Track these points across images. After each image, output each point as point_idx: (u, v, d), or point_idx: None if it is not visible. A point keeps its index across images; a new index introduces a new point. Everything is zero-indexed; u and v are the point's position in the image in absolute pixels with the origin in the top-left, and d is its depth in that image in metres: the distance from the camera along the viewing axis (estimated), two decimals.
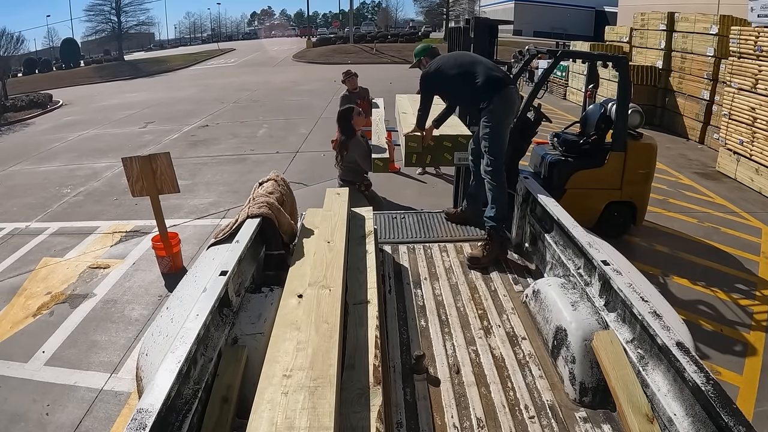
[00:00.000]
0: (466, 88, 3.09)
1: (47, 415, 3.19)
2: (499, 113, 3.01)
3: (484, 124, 3.02)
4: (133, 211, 6.55)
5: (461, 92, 3.22)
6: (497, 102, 2.98)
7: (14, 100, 17.36)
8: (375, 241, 2.47)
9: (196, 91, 18.91)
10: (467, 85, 3.07)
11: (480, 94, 3.01)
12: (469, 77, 3.06)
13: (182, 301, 2.14)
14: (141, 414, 1.21)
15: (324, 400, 1.34)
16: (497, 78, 3.05)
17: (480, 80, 3.01)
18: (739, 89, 7.25)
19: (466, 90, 3.12)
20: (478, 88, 3.01)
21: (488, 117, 3.00)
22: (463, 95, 3.27)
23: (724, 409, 1.25)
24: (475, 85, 3.02)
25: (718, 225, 5.72)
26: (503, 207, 3.01)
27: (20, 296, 4.65)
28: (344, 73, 6.78)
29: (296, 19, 74.87)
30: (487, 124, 3.00)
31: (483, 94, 3.00)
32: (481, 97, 3.01)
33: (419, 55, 3.58)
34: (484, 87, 3.00)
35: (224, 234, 2.55)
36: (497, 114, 3.00)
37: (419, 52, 3.61)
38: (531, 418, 1.77)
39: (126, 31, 42.55)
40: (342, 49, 34.35)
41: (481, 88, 3.00)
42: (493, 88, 3.00)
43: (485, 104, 2.99)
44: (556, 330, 2.02)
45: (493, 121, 3.00)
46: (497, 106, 2.99)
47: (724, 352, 3.61)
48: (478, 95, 3.02)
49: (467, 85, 3.07)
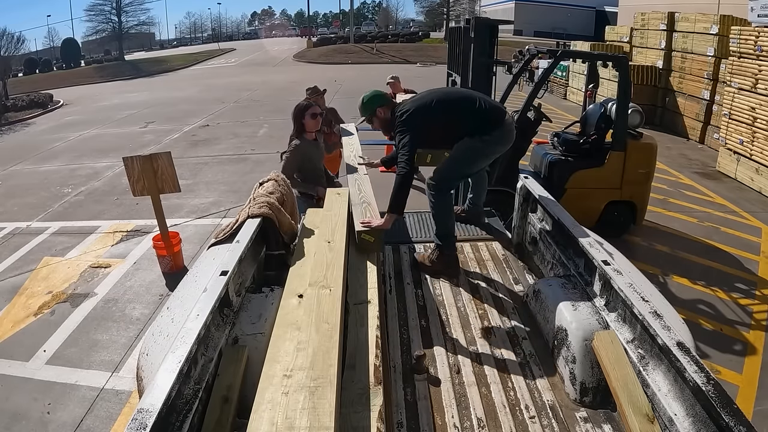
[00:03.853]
0: (464, 126, 2.68)
1: (48, 413, 3.19)
2: (493, 146, 2.75)
3: (470, 147, 2.69)
4: (133, 210, 6.56)
5: (458, 131, 2.70)
6: (497, 135, 2.70)
7: (15, 99, 17.38)
8: None
9: (197, 91, 18.92)
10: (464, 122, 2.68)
11: (482, 126, 2.67)
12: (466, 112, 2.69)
13: (183, 301, 2.14)
14: (142, 414, 1.21)
15: (324, 400, 1.34)
16: (502, 110, 2.78)
17: (481, 113, 2.69)
18: (739, 89, 7.25)
19: (463, 128, 2.68)
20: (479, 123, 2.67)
21: (480, 145, 2.69)
22: (460, 133, 2.71)
23: (725, 409, 1.25)
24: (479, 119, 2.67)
25: (718, 225, 5.72)
26: (445, 224, 2.81)
27: (21, 295, 4.66)
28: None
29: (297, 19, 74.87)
30: (473, 148, 2.70)
31: (485, 125, 2.67)
32: (483, 129, 2.67)
33: (374, 104, 2.83)
34: (487, 119, 2.68)
35: (225, 234, 2.55)
36: (491, 146, 2.73)
37: (374, 102, 2.84)
38: (531, 418, 1.77)
39: (126, 31, 42.54)
40: (342, 49, 34.33)
41: (484, 121, 2.68)
42: (499, 119, 2.70)
43: (483, 135, 2.67)
44: (557, 330, 2.02)
45: (483, 151, 2.73)
46: (496, 137, 2.70)
47: (724, 351, 3.61)
48: (479, 129, 2.67)
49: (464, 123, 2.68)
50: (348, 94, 15.31)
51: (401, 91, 5.78)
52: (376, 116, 2.85)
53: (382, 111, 2.84)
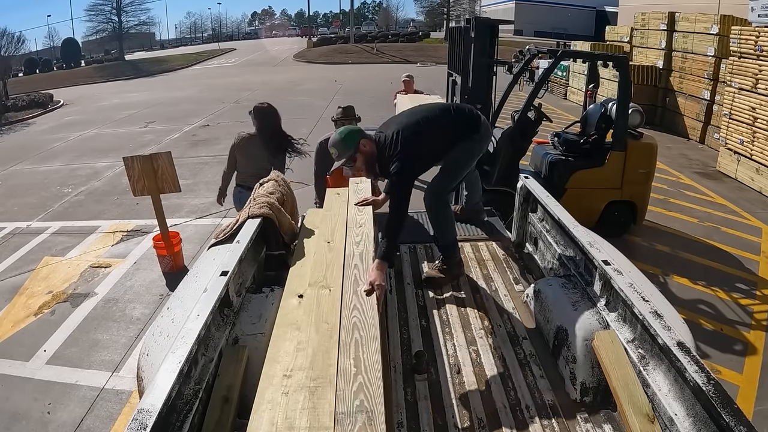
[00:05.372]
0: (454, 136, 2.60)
1: (49, 413, 3.19)
2: (482, 144, 2.72)
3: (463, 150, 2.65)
4: (134, 210, 6.56)
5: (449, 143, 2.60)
6: (483, 131, 2.67)
7: (15, 99, 17.38)
8: (375, 242, 2.47)
9: (197, 91, 18.92)
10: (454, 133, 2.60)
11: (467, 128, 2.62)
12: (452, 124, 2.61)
13: (183, 302, 2.14)
14: (142, 414, 1.21)
15: (324, 400, 1.35)
16: (478, 116, 2.71)
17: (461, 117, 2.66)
18: (739, 89, 7.25)
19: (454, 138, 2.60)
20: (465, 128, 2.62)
21: (471, 145, 2.65)
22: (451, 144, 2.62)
23: (725, 409, 1.25)
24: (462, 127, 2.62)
25: (718, 224, 5.72)
26: (448, 233, 2.76)
27: (21, 295, 4.66)
28: (340, 111, 4.03)
29: (297, 19, 74.87)
30: (466, 150, 2.66)
31: (471, 127, 2.63)
32: (471, 130, 2.63)
33: (357, 138, 2.40)
34: (468, 120, 2.64)
35: (225, 234, 2.55)
36: (481, 143, 2.70)
37: (355, 136, 2.41)
38: (532, 418, 1.77)
39: (127, 31, 42.54)
40: (343, 49, 34.35)
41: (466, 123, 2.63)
42: (475, 117, 2.68)
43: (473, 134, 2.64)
44: (557, 330, 2.02)
45: (474, 150, 2.69)
46: (483, 134, 2.68)
47: (725, 351, 3.62)
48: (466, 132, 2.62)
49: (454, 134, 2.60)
50: (348, 94, 15.35)
51: (413, 91, 5.73)
52: (360, 152, 2.41)
53: (366, 144, 2.41)
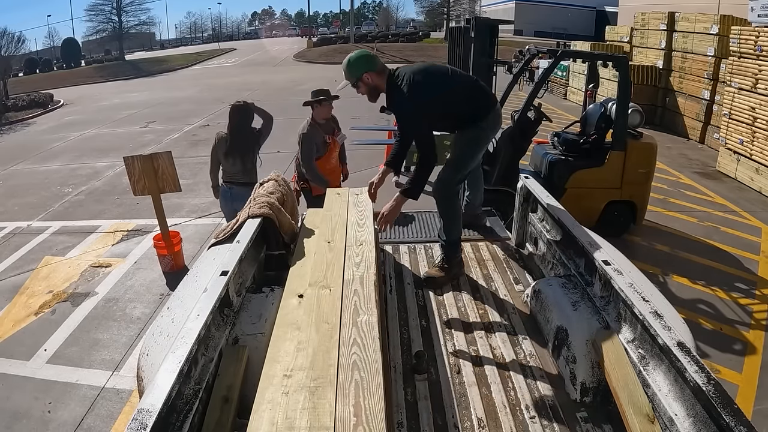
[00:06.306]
0: (467, 105, 2.60)
1: (49, 412, 3.19)
2: (489, 132, 2.71)
3: (471, 138, 2.66)
4: (134, 210, 6.56)
5: (461, 111, 2.61)
6: (491, 119, 2.66)
7: (15, 99, 17.35)
8: (376, 241, 2.47)
9: (197, 91, 18.91)
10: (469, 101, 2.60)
11: (478, 110, 2.63)
12: (469, 91, 2.64)
13: (183, 301, 2.14)
14: (142, 414, 1.21)
15: (324, 400, 1.35)
16: (495, 102, 2.73)
17: (481, 95, 2.66)
18: (739, 89, 7.25)
19: (466, 109, 2.60)
20: (479, 104, 2.63)
21: (479, 133, 2.65)
22: (461, 116, 2.63)
23: (725, 409, 1.25)
24: (477, 100, 2.63)
25: (718, 224, 5.73)
26: (455, 229, 2.72)
27: (22, 295, 4.66)
28: (316, 93, 4.12)
29: (297, 19, 74.80)
30: (472, 138, 2.67)
31: (482, 110, 2.63)
32: (480, 114, 2.63)
33: (361, 69, 2.54)
34: (483, 102, 2.65)
35: (225, 234, 2.55)
36: (487, 132, 2.69)
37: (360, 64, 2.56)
38: (532, 418, 1.77)
39: (127, 31, 42.48)
40: (343, 48, 34.25)
41: (481, 103, 2.64)
42: (490, 103, 2.68)
43: (479, 121, 2.63)
44: (557, 330, 2.02)
45: (481, 139, 2.69)
46: (490, 123, 2.67)
47: (724, 351, 3.62)
48: (476, 112, 2.62)
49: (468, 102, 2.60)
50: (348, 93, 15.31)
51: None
52: (362, 81, 2.57)
53: (369, 77, 2.55)
